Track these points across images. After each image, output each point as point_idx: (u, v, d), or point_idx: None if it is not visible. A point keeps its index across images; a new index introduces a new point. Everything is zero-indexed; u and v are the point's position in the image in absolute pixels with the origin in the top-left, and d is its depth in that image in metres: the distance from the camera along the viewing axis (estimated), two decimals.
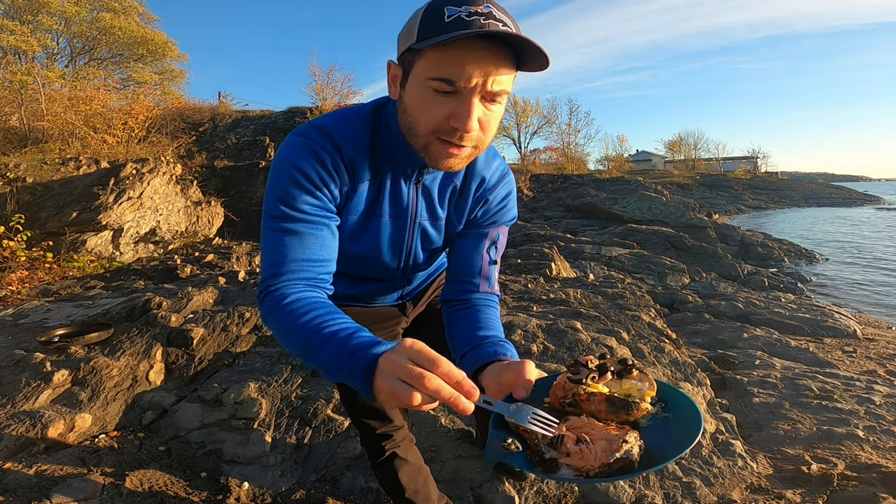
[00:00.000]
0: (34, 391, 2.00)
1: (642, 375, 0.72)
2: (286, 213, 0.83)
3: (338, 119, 0.90)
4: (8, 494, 1.53)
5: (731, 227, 10.78)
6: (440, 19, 0.73)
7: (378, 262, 1.03)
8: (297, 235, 0.83)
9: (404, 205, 0.96)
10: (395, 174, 0.93)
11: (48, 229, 4.35)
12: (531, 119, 36.18)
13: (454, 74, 0.73)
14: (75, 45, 16.23)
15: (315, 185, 0.84)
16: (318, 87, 11.27)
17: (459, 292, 1.03)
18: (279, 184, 0.84)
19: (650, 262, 6.81)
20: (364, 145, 0.89)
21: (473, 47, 0.73)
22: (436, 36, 0.71)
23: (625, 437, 0.62)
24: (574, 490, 1.76)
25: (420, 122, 0.79)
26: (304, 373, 2.30)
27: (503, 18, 0.74)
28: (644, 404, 0.68)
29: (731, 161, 43.91)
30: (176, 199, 5.44)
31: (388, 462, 1.25)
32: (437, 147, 0.80)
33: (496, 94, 0.77)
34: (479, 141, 0.81)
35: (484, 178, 1.00)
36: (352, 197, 0.91)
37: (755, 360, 3.18)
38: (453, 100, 0.76)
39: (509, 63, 0.76)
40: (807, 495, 1.80)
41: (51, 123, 6.79)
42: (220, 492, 1.67)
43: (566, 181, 18.44)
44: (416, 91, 0.79)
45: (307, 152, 0.84)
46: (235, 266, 4.56)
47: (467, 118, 0.75)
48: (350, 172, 0.89)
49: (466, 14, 0.72)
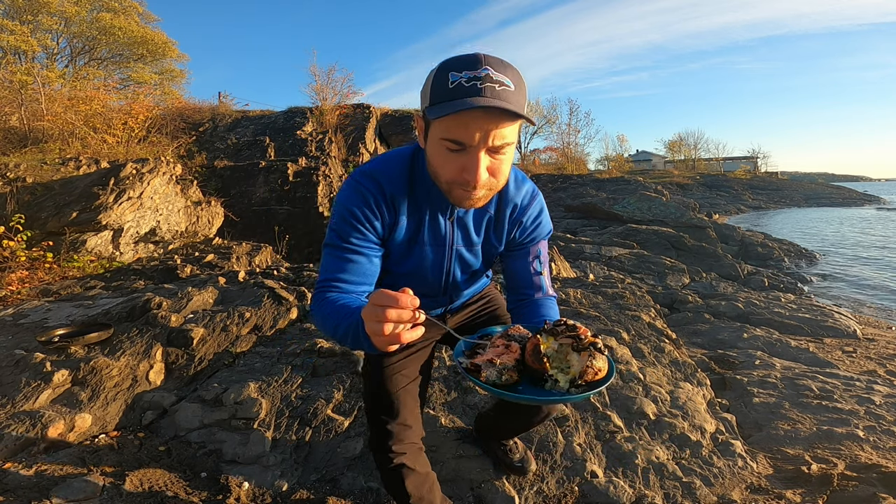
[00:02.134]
0: (34, 391, 2.00)
1: (596, 359, 0.85)
2: (338, 244, 1.06)
3: (382, 162, 1.10)
4: (8, 494, 1.53)
5: (731, 227, 10.77)
6: (445, 86, 0.89)
7: (423, 281, 1.21)
8: (344, 261, 1.06)
9: (442, 234, 1.14)
10: (433, 209, 1.11)
11: (48, 229, 4.34)
12: None
13: (461, 136, 0.90)
14: (75, 45, 16.23)
15: (360, 222, 1.05)
16: (318, 86, 11.25)
17: (518, 302, 1.22)
18: (335, 218, 1.08)
19: (650, 262, 6.81)
20: (403, 184, 1.08)
21: (475, 114, 0.87)
22: (442, 103, 0.88)
23: (511, 361, 0.88)
24: (574, 490, 1.76)
25: (439, 173, 0.97)
26: (304, 373, 2.30)
27: (500, 78, 0.89)
28: (554, 373, 0.86)
29: (731, 161, 43.91)
30: (176, 199, 5.44)
31: (395, 470, 1.25)
32: (458, 192, 0.97)
33: (500, 147, 0.92)
34: (492, 184, 0.97)
35: (516, 204, 1.16)
36: (395, 228, 1.10)
37: (755, 360, 3.18)
38: (463, 156, 0.92)
39: (507, 119, 0.89)
40: (807, 495, 1.80)
41: (51, 123, 6.78)
42: (220, 492, 1.67)
43: (566, 181, 18.43)
44: (433, 147, 0.96)
45: (355, 194, 1.06)
46: (235, 266, 4.56)
47: (475, 171, 0.92)
48: (391, 208, 1.08)
49: (466, 80, 0.87)
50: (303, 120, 9.98)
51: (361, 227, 1.06)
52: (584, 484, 1.78)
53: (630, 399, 2.30)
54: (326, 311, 0.99)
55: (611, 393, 2.36)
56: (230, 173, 7.17)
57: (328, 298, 1.01)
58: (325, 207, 6.73)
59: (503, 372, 0.87)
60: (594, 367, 0.84)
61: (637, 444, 2.00)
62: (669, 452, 2.01)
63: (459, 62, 0.90)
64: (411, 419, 1.27)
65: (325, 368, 2.34)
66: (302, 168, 7.31)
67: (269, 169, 7.15)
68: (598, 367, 0.85)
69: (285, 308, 3.05)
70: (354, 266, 1.06)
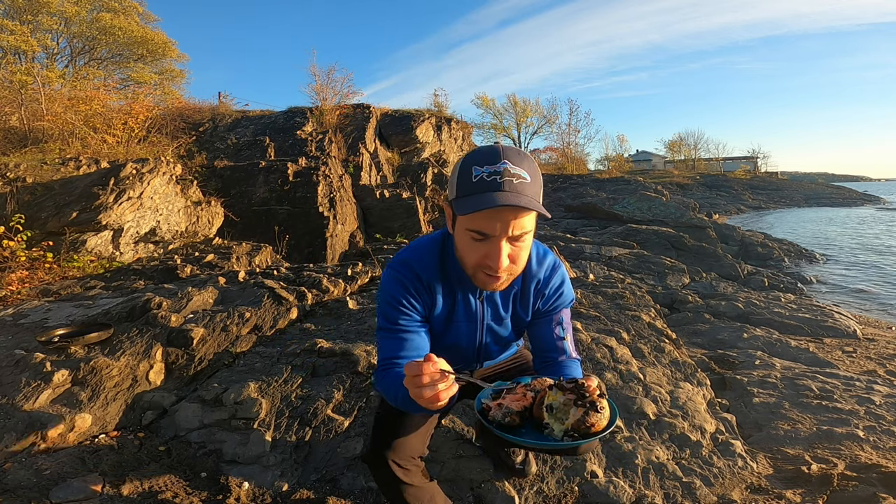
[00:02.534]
0: (34, 391, 2.00)
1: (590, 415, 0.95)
2: (389, 327, 1.19)
3: (415, 251, 1.24)
4: (8, 494, 1.53)
5: (731, 227, 10.77)
6: (469, 179, 1.01)
7: (459, 352, 1.35)
8: (398, 341, 1.18)
9: (473, 311, 1.27)
10: (464, 290, 1.24)
11: (48, 229, 4.34)
12: (531, 119, 36.18)
13: (484, 228, 1.01)
14: (75, 45, 16.21)
15: (404, 306, 1.18)
16: (317, 87, 11.23)
17: (543, 363, 1.31)
18: (382, 305, 1.21)
19: (650, 262, 6.81)
20: (436, 270, 1.21)
21: (496, 209, 0.97)
22: (467, 196, 1.00)
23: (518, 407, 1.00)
24: (574, 490, 1.76)
25: (465, 259, 1.10)
26: (304, 373, 2.30)
27: (517, 171, 1.00)
28: (551, 422, 0.97)
29: (732, 161, 43.88)
30: (176, 199, 5.44)
31: (395, 484, 1.24)
32: (481, 276, 1.09)
33: (519, 236, 1.03)
34: (512, 269, 1.09)
35: (539, 279, 1.27)
36: (433, 308, 1.24)
37: (755, 360, 3.18)
38: (486, 244, 1.03)
39: (525, 212, 1.00)
40: (807, 495, 1.80)
41: (51, 123, 6.77)
42: (220, 492, 1.67)
43: (566, 181, 18.43)
44: (459, 235, 1.08)
45: (396, 283, 1.19)
46: (235, 266, 4.55)
47: (497, 259, 1.03)
48: (428, 292, 1.22)
49: (487, 174, 0.99)
50: (303, 120, 9.98)
51: (405, 310, 1.19)
52: (584, 484, 1.78)
53: (630, 399, 2.30)
54: (387, 383, 1.13)
55: (611, 393, 2.36)
56: (230, 173, 7.16)
57: (393, 373, 1.14)
58: (325, 207, 6.73)
59: (507, 415, 0.99)
60: (587, 421, 0.94)
61: (637, 444, 2.00)
62: (669, 452, 2.01)
63: (481, 156, 1.02)
64: (417, 442, 1.28)
65: (325, 368, 2.34)
66: (302, 168, 7.31)
67: (269, 169, 7.14)
68: (591, 421, 0.94)
69: (285, 308, 3.05)
70: (407, 343, 1.19)
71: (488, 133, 35.20)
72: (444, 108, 15.68)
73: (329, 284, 3.57)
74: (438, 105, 15.78)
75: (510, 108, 35.90)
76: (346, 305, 3.24)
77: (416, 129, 12.05)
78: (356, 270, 4.08)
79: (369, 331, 2.78)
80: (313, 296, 3.34)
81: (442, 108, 15.56)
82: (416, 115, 12.59)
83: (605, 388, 1.10)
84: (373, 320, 2.89)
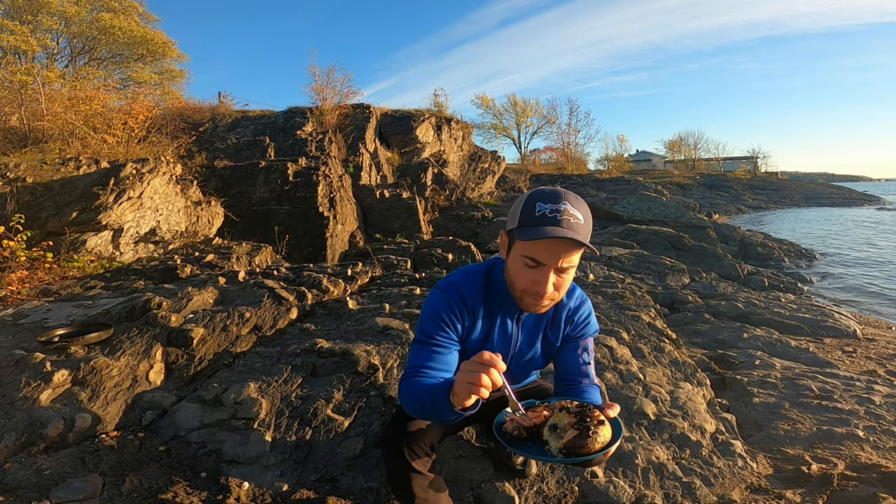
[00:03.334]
0: (34, 391, 2.00)
1: (579, 437, 1.05)
2: (425, 340, 1.30)
3: (464, 276, 1.38)
4: (8, 494, 1.53)
5: (731, 227, 10.77)
6: (532, 213, 1.15)
7: None
8: (430, 353, 1.29)
9: (508, 334, 1.40)
10: (504, 315, 1.38)
11: (48, 229, 4.34)
12: (531, 119, 36.18)
13: (539, 256, 1.16)
14: (75, 45, 16.20)
15: (444, 323, 1.30)
16: (317, 87, 11.24)
17: (567, 387, 1.41)
18: (423, 318, 1.33)
19: (650, 262, 6.80)
20: (480, 295, 1.36)
21: (553, 241, 1.12)
22: (529, 227, 1.14)
23: (528, 423, 1.13)
24: (574, 490, 1.76)
25: (516, 282, 1.23)
26: (304, 373, 2.30)
27: (574, 212, 1.14)
28: (549, 439, 1.10)
29: (731, 161, 43.90)
30: (176, 199, 5.44)
31: (403, 471, 1.31)
32: (527, 299, 1.23)
33: (566, 269, 1.19)
34: (555, 297, 1.24)
35: (569, 308, 1.43)
36: (472, 330, 1.36)
37: (755, 360, 3.18)
38: (537, 272, 1.17)
39: (576, 247, 1.15)
40: (807, 495, 1.80)
41: (51, 123, 6.77)
42: (220, 492, 1.67)
43: (566, 181, 18.44)
44: (514, 261, 1.22)
45: (443, 302, 1.32)
46: (235, 266, 4.55)
47: (545, 286, 1.18)
48: (471, 314, 1.34)
49: (549, 211, 1.13)
50: (303, 120, 9.98)
51: (445, 327, 1.30)
52: (584, 484, 1.78)
53: (630, 399, 2.30)
54: (409, 390, 1.23)
55: (611, 393, 2.36)
56: (230, 173, 7.16)
57: (415, 380, 1.24)
58: (325, 207, 6.72)
59: (516, 429, 1.14)
60: (579, 443, 1.05)
61: (637, 444, 2.00)
62: (669, 452, 2.01)
63: (545, 196, 1.16)
64: (432, 433, 1.38)
65: (325, 368, 2.34)
66: (302, 168, 7.31)
67: (269, 169, 7.14)
68: (582, 443, 1.05)
69: (285, 308, 3.05)
70: (438, 356, 1.29)
71: (488, 133, 35.23)
72: (444, 108, 15.71)
73: (329, 284, 3.57)
74: (438, 105, 15.80)
75: (510, 108, 35.93)
76: (346, 305, 3.24)
77: (416, 129, 12.05)
78: (356, 270, 4.08)
79: (369, 331, 2.78)
80: (313, 296, 3.34)
81: (442, 108, 15.58)
82: (416, 115, 12.59)
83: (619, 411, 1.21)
84: (372, 320, 2.89)
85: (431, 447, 1.38)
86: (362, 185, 8.59)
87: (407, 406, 1.23)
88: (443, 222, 9.21)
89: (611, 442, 1.07)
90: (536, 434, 1.13)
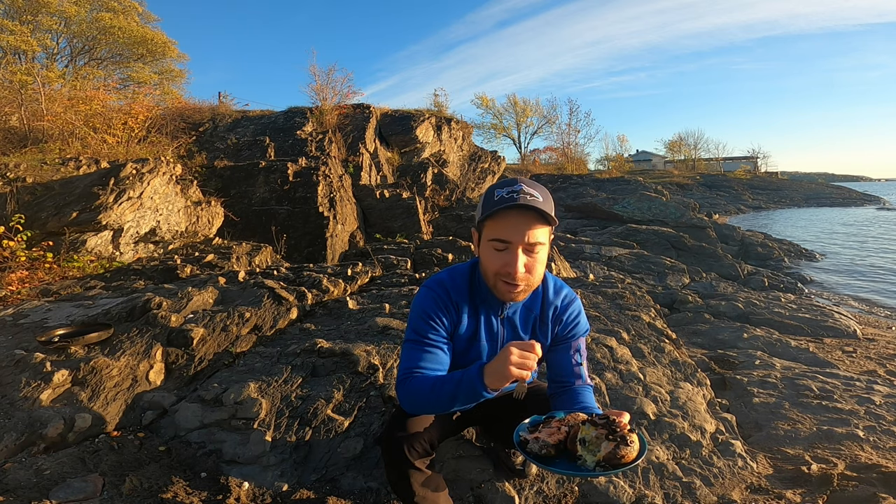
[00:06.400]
0: (34, 391, 2.00)
1: (620, 448, 1.07)
2: (417, 339, 1.34)
3: (450, 273, 1.42)
4: (8, 494, 1.53)
5: (731, 227, 10.77)
6: (492, 199, 1.21)
7: None
8: (424, 353, 1.32)
9: (494, 331, 1.42)
10: (487, 311, 1.40)
11: (48, 229, 4.34)
12: (531, 119, 36.17)
13: (504, 235, 1.20)
14: (75, 45, 16.20)
15: (434, 320, 1.34)
16: (317, 86, 11.22)
17: (560, 388, 1.43)
18: (413, 317, 1.37)
19: (650, 262, 6.80)
20: (465, 292, 1.39)
21: (512, 215, 1.19)
22: (489, 212, 1.20)
23: (554, 441, 1.14)
24: (574, 490, 1.76)
25: (487, 268, 1.27)
26: (304, 373, 2.30)
27: (531, 192, 1.19)
28: (584, 454, 1.10)
29: (731, 161, 43.90)
30: (176, 199, 5.44)
31: (403, 468, 1.30)
32: (501, 286, 1.26)
33: (534, 245, 1.21)
34: (528, 280, 1.25)
35: (556, 305, 1.43)
36: (458, 326, 1.38)
37: (755, 360, 3.18)
38: (506, 253, 1.21)
39: (540, 222, 1.19)
40: (807, 495, 1.80)
41: (51, 123, 6.76)
42: (220, 492, 1.67)
43: (566, 181, 18.43)
44: (483, 248, 1.27)
45: (430, 299, 1.36)
46: (235, 266, 4.55)
47: (514, 265, 1.20)
48: (456, 310, 1.37)
49: (507, 192, 1.19)
50: (303, 120, 9.97)
51: (435, 324, 1.33)
52: (584, 484, 1.78)
53: (630, 399, 2.30)
54: (418, 385, 1.26)
55: (611, 393, 2.36)
56: (230, 173, 7.16)
57: (416, 379, 1.27)
58: (325, 207, 6.72)
59: (543, 447, 1.14)
60: (618, 453, 1.06)
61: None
62: (669, 452, 2.01)
63: (502, 183, 1.23)
64: (432, 430, 1.37)
65: (325, 368, 2.34)
66: (302, 168, 7.30)
67: (269, 169, 7.14)
68: (621, 453, 1.06)
69: (285, 308, 3.05)
70: (430, 356, 1.32)
71: (488, 133, 35.22)
72: (444, 108, 15.67)
73: (329, 284, 3.57)
74: (438, 105, 15.77)
75: (510, 108, 35.92)
76: (346, 305, 3.24)
77: (415, 129, 12.04)
78: (356, 270, 4.08)
79: (369, 331, 2.78)
80: (313, 296, 3.34)
81: (442, 108, 15.55)
82: (416, 115, 12.58)
83: (631, 419, 1.27)
84: (372, 320, 2.89)
85: (431, 445, 1.37)
86: (362, 185, 8.59)
87: (411, 403, 1.24)
88: (443, 222, 9.21)
89: (641, 448, 1.10)
90: (564, 451, 1.15)
